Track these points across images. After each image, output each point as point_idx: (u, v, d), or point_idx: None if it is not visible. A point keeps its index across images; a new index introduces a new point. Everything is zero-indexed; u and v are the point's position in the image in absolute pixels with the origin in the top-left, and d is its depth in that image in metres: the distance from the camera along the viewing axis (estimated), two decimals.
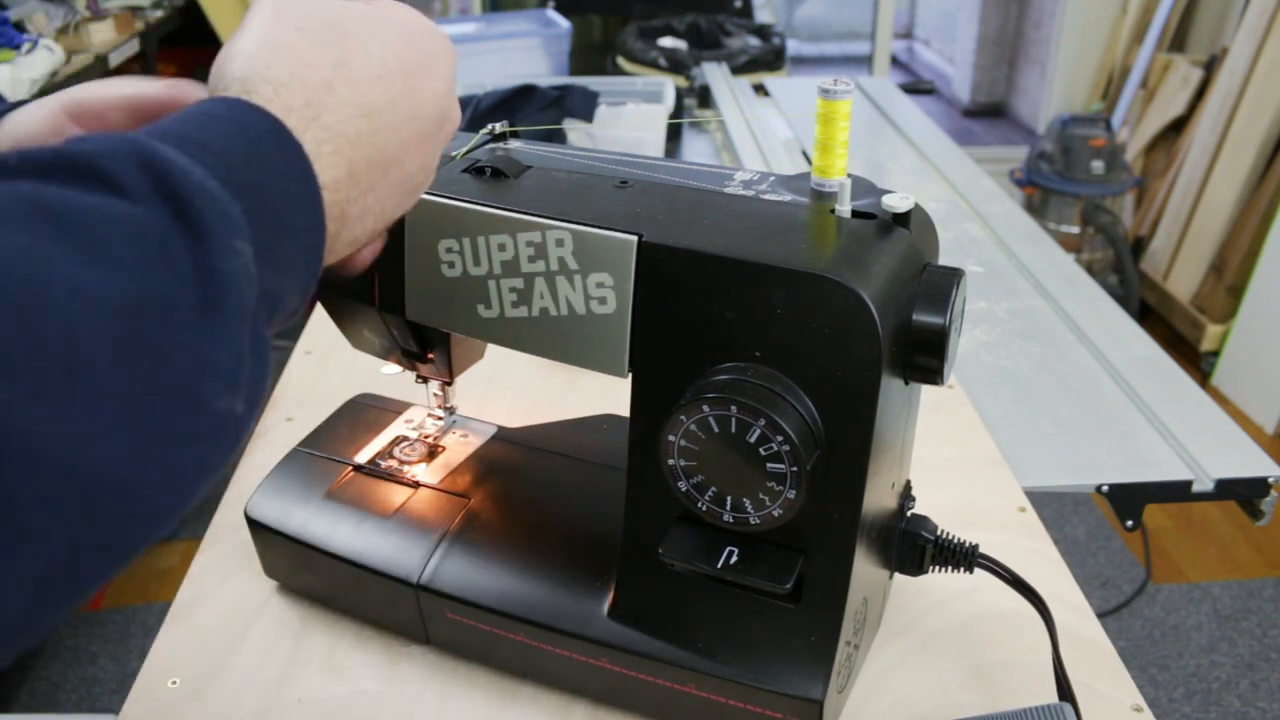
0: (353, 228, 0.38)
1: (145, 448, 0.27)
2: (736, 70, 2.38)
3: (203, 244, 0.28)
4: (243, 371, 0.30)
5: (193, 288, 0.28)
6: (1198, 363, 2.62)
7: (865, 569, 0.55)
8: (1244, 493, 0.94)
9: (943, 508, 0.68)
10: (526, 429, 0.72)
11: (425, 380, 0.70)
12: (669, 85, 1.85)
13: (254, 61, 0.36)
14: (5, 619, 0.25)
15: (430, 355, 0.64)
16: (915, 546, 0.60)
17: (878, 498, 0.54)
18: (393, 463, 0.69)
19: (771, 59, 2.60)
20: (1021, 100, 4.06)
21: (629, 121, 1.66)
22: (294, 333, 1.04)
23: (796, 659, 0.54)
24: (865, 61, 3.66)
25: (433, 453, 0.70)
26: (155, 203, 0.28)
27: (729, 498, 0.51)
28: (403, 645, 0.65)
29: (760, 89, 2.15)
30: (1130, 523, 0.93)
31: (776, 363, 0.49)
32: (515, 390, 0.91)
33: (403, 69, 0.40)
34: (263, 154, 0.33)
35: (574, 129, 1.54)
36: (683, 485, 0.51)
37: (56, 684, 1.74)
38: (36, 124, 0.44)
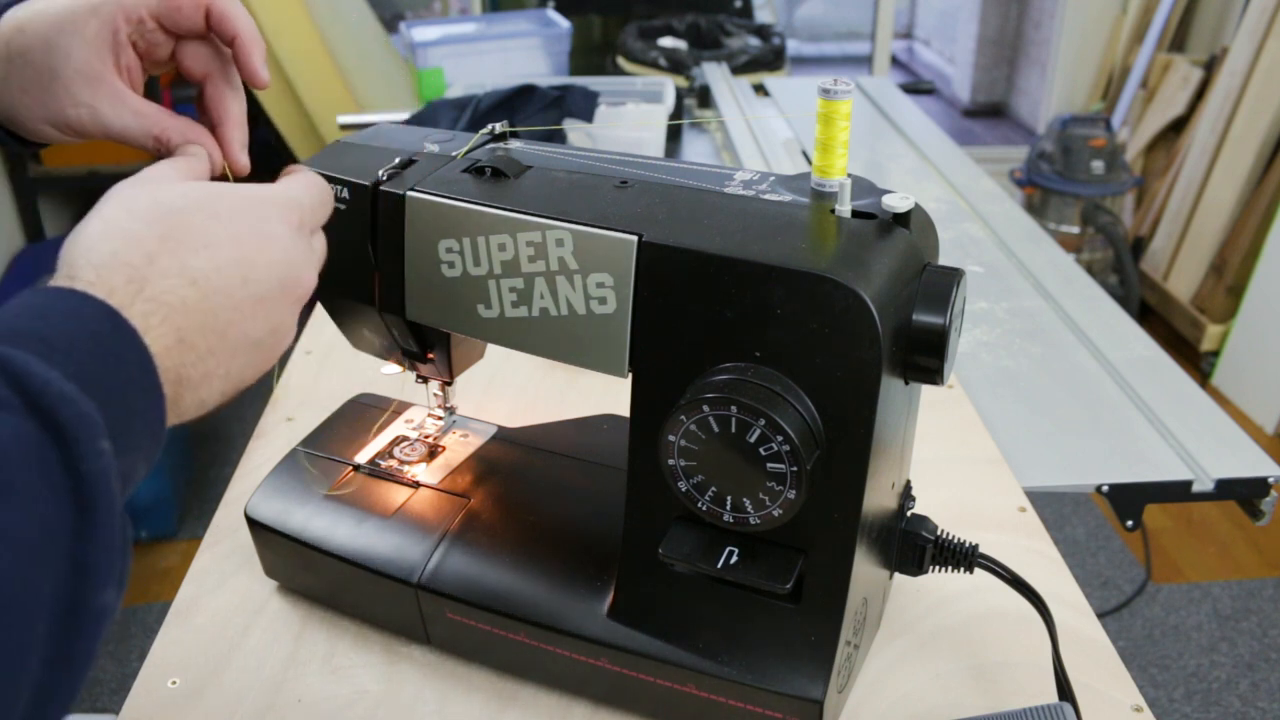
0: (196, 391, 0.39)
1: (48, 659, 0.29)
2: (736, 70, 2.38)
3: (70, 451, 0.30)
4: (116, 566, 0.31)
5: (70, 501, 0.29)
6: (1198, 363, 2.62)
7: (865, 569, 0.55)
8: (1244, 493, 0.94)
9: (943, 508, 0.68)
10: (526, 429, 0.72)
11: (425, 380, 0.70)
12: (669, 85, 1.85)
13: (80, 245, 0.38)
14: None
15: (430, 355, 0.64)
16: (915, 546, 0.59)
17: (878, 498, 0.54)
18: (393, 463, 0.69)
19: (771, 59, 2.60)
20: (1021, 100, 4.06)
21: (629, 121, 1.66)
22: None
23: (796, 659, 0.54)
24: (865, 61, 3.66)
25: (433, 453, 0.70)
26: (30, 419, 0.30)
27: (729, 498, 0.51)
28: (403, 645, 0.65)
29: (760, 89, 2.15)
30: (1130, 523, 0.93)
31: (776, 363, 0.49)
32: (515, 390, 0.91)
33: (231, 237, 0.41)
34: (104, 345, 0.34)
35: (574, 129, 1.54)
36: (683, 485, 0.51)
37: None
38: (87, 34, 0.48)
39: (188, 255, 0.39)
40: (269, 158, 1.78)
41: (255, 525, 0.66)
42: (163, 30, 0.50)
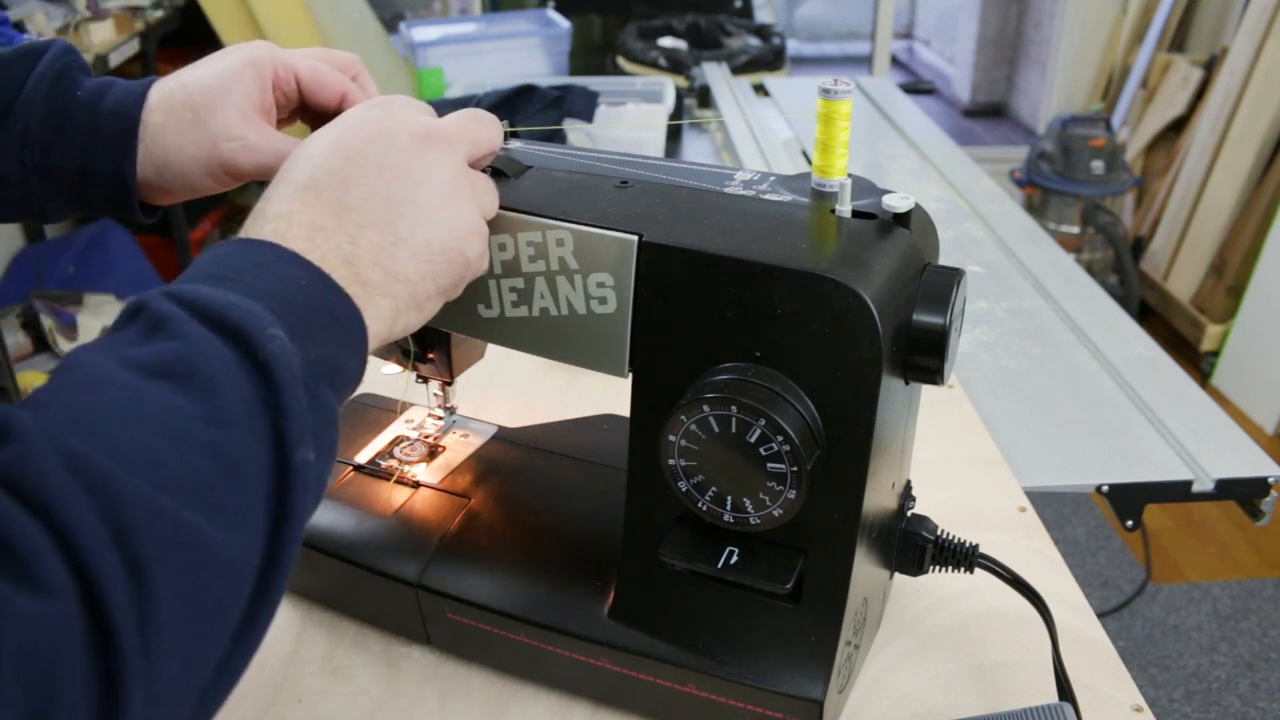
0: (378, 274, 0.43)
1: (271, 513, 0.35)
2: (736, 70, 2.38)
3: (247, 344, 0.36)
4: (305, 424, 0.37)
5: (259, 383, 0.36)
6: (1198, 363, 2.62)
7: (865, 569, 0.55)
8: (1244, 493, 0.94)
9: (943, 508, 0.68)
10: (526, 429, 0.72)
11: (425, 380, 0.70)
12: (669, 85, 1.85)
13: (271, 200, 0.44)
14: (203, 676, 0.33)
15: (430, 355, 0.64)
16: (915, 546, 0.59)
17: (878, 498, 0.54)
18: (393, 463, 0.69)
19: (771, 59, 2.60)
20: (1021, 100, 4.06)
21: (629, 121, 1.66)
22: None
23: (796, 659, 0.54)
24: (865, 61, 3.66)
25: (433, 453, 0.70)
26: (209, 328, 0.36)
27: (729, 498, 0.51)
28: (403, 645, 0.65)
29: (760, 89, 2.15)
30: (1130, 523, 0.93)
31: (776, 363, 0.49)
32: (515, 390, 0.91)
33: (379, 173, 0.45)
34: (267, 266, 0.41)
35: (574, 129, 1.54)
36: (683, 485, 0.51)
37: None
38: (244, 81, 0.55)
39: (341, 192, 0.44)
40: None
41: None
42: (300, 93, 0.58)
